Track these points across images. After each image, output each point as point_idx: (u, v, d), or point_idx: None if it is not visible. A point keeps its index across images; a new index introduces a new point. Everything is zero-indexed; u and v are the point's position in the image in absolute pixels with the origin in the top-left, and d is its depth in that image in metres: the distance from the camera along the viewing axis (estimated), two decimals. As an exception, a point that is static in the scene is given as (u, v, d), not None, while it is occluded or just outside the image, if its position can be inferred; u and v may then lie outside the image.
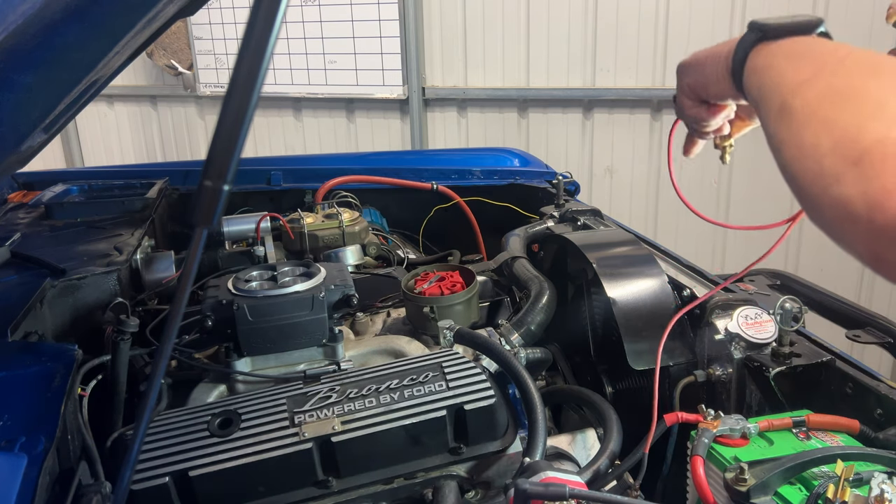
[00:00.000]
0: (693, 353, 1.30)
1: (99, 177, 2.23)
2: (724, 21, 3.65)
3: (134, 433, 0.72)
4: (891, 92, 0.59)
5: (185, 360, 1.29)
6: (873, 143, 0.55)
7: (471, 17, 4.18)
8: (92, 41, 0.92)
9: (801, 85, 0.67)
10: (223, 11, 4.58)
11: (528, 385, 1.14)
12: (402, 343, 1.36)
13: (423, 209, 2.35)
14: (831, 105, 0.62)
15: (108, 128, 5.37)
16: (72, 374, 1.00)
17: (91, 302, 1.39)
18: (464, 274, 1.54)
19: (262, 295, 1.25)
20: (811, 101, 0.64)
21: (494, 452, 1.12)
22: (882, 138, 0.55)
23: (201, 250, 0.64)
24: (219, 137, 0.60)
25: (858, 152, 0.56)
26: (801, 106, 0.64)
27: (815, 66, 0.68)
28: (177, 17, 1.19)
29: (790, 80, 0.69)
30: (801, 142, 0.62)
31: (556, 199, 2.02)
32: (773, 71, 0.74)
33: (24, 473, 0.78)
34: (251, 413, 1.06)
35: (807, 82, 0.66)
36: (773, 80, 0.72)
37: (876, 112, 0.57)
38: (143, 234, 1.71)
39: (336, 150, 4.72)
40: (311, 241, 1.90)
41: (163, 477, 0.97)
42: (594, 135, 4.15)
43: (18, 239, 1.62)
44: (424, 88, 4.35)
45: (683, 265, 1.55)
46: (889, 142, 0.54)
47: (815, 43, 0.76)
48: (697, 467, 0.98)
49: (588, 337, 1.51)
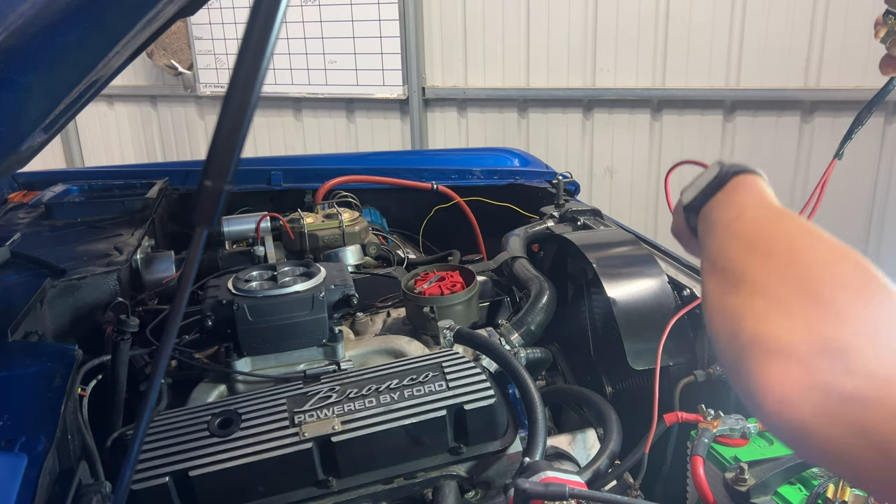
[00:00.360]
0: (693, 353, 1.30)
1: (99, 177, 2.23)
2: (724, 21, 3.65)
3: (134, 433, 0.72)
4: (762, 271, 0.59)
5: (185, 360, 1.29)
6: (748, 342, 0.55)
7: (471, 17, 4.18)
8: (92, 41, 0.92)
9: (705, 263, 0.69)
10: (223, 11, 4.58)
11: (528, 385, 1.14)
12: (402, 343, 1.36)
13: (423, 209, 2.35)
14: (718, 292, 0.63)
15: (108, 128, 5.37)
16: (72, 374, 1.00)
17: (91, 302, 1.39)
18: (464, 274, 1.54)
19: (262, 295, 1.25)
20: (708, 282, 0.66)
21: (494, 452, 1.12)
22: (752, 338, 0.55)
23: (201, 250, 0.64)
24: (219, 137, 0.60)
25: (738, 352, 0.56)
26: (704, 290, 0.67)
27: (714, 236, 0.70)
28: (177, 17, 1.19)
29: (705, 247, 0.72)
30: (709, 327, 0.64)
31: (556, 199, 2.02)
32: (701, 232, 0.77)
33: (25, 473, 0.78)
34: (251, 413, 1.06)
35: (707, 263, 0.69)
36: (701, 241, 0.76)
37: (747, 303, 0.58)
38: (143, 234, 1.71)
39: (336, 150, 4.72)
40: (311, 241, 1.90)
41: (163, 477, 0.97)
42: (594, 135, 4.14)
43: (18, 239, 1.62)
44: (424, 88, 4.35)
45: (683, 265, 1.55)
46: (759, 341, 0.54)
47: (718, 205, 0.77)
48: (697, 467, 0.98)
49: (588, 337, 1.51)
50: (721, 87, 3.75)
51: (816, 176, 3.70)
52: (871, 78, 3.40)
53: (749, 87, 3.70)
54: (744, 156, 3.83)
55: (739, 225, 0.69)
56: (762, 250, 0.62)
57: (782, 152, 3.73)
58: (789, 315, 0.54)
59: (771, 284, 0.57)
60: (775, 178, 0.76)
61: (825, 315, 0.52)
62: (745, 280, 0.60)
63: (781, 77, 3.62)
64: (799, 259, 0.58)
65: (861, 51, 3.38)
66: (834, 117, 3.59)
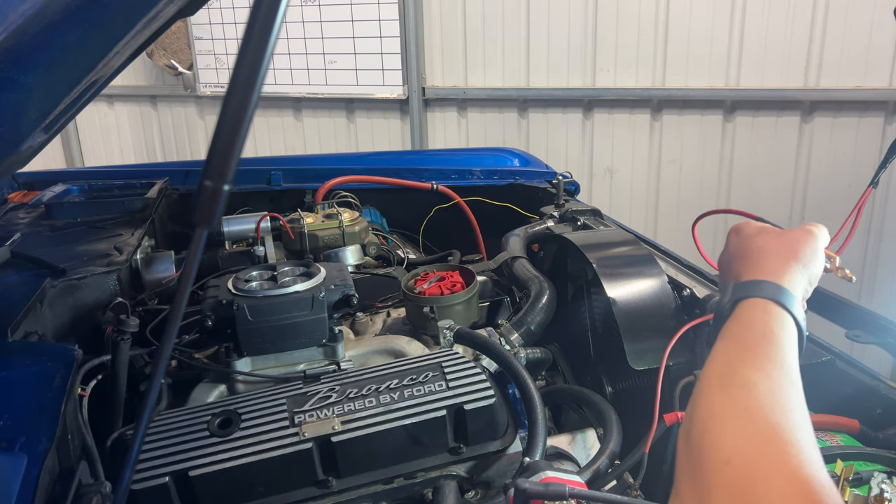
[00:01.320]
0: (693, 353, 1.30)
1: (99, 177, 2.23)
2: (724, 21, 3.66)
3: (134, 433, 0.72)
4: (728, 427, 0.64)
5: (185, 360, 1.29)
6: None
7: (471, 17, 4.18)
8: (92, 41, 0.92)
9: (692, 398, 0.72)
10: (223, 11, 4.58)
11: (528, 385, 1.14)
12: (402, 343, 1.36)
13: (423, 209, 2.35)
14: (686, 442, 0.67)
15: (108, 128, 5.37)
16: (72, 374, 1.00)
17: (91, 302, 1.39)
18: (464, 274, 1.54)
19: (262, 295, 1.25)
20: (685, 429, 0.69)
21: (494, 452, 1.12)
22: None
23: (201, 250, 0.64)
24: (219, 137, 0.60)
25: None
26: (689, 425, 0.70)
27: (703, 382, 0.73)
28: (177, 17, 1.19)
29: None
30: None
31: (556, 199, 2.02)
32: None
33: (25, 473, 0.78)
34: (251, 413, 1.06)
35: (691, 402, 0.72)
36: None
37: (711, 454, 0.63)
38: (143, 234, 1.71)
39: (336, 150, 4.72)
40: (311, 241, 1.90)
41: (163, 477, 0.97)
42: (594, 135, 4.15)
43: (18, 239, 1.62)
44: (424, 88, 4.35)
45: (683, 265, 1.55)
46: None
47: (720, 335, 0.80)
48: (697, 467, 0.98)
49: (588, 337, 1.51)
50: (721, 87, 3.75)
51: (817, 176, 3.71)
52: (871, 78, 3.41)
53: (749, 87, 3.70)
54: (744, 156, 3.83)
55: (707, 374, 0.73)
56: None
57: (782, 152, 3.73)
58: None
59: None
60: (775, 178, 0.76)
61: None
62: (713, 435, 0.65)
63: (781, 77, 3.62)
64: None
65: (861, 51, 3.38)
66: (834, 117, 3.59)
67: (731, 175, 3.89)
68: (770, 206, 3.81)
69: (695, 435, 0.65)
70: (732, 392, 0.67)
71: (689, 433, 0.66)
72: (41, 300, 1.27)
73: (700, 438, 0.64)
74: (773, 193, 3.79)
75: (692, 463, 0.62)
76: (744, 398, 0.66)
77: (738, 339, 0.76)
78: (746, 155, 3.83)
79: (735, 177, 3.88)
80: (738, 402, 0.66)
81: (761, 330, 0.76)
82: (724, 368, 0.72)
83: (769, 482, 0.56)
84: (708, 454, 0.61)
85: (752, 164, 3.82)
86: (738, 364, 0.71)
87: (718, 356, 0.74)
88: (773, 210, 3.81)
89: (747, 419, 0.63)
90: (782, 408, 0.64)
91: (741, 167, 3.85)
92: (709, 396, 0.68)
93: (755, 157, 3.81)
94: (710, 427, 0.64)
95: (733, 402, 0.66)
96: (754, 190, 3.84)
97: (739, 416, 0.64)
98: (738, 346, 0.74)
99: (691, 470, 0.62)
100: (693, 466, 0.62)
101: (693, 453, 0.63)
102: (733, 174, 3.88)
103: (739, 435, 0.62)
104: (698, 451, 0.62)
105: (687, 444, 0.65)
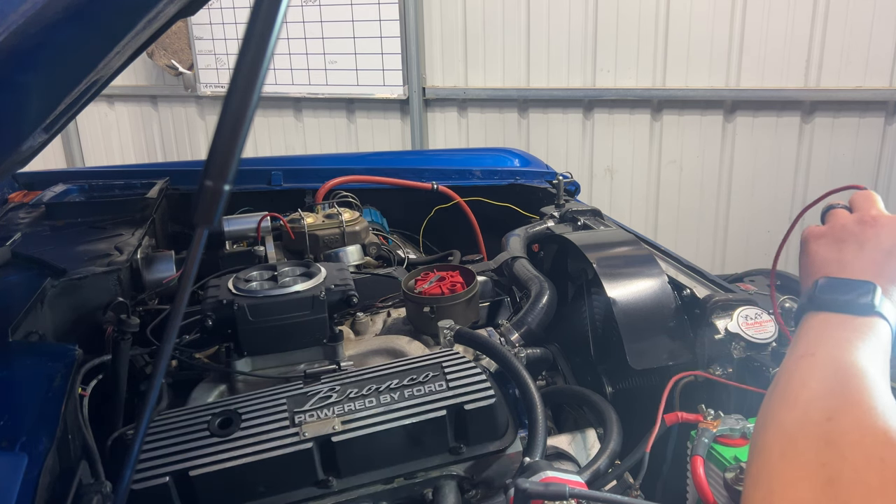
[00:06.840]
0: (693, 353, 1.30)
1: (99, 177, 2.23)
2: (724, 21, 3.66)
3: (134, 433, 0.72)
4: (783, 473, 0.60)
5: (185, 360, 1.29)
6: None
7: (471, 17, 4.18)
8: (92, 41, 0.92)
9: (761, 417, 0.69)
10: (223, 11, 4.58)
11: (528, 385, 1.14)
12: (403, 343, 1.36)
13: (423, 209, 2.35)
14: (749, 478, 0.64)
15: (109, 128, 5.37)
16: (72, 374, 1.00)
17: (91, 302, 1.39)
18: (464, 274, 1.54)
19: (263, 295, 1.25)
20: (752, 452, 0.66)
21: (494, 452, 1.11)
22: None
23: (202, 250, 0.64)
24: (219, 137, 0.60)
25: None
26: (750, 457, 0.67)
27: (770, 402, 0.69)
28: (177, 17, 1.19)
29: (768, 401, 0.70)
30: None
31: (556, 199, 2.02)
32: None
33: (25, 473, 0.78)
34: (251, 413, 1.06)
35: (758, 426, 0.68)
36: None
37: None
38: (144, 234, 1.71)
39: (336, 150, 4.72)
40: (312, 241, 1.90)
41: (163, 477, 0.97)
42: (594, 135, 4.15)
43: (19, 239, 1.62)
44: (425, 88, 4.35)
45: (683, 265, 1.55)
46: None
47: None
48: (697, 467, 0.98)
49: (588, 337, 1.51)
50: (721, 87, 3.75)
51: (817, 176, 3.71)
52: (871, 78, 3.41)
53: (749, 87, 3.70)
54: (744, 156, 3.83)
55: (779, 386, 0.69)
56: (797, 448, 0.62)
57: (782, 152, 3.73)
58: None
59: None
60: (775, 178, 0.76)
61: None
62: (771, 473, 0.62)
63: (781, 77, 3.62)
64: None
65: (861, 51, 3.38)
66: (834, 117, 3.59)
67: (731, 175, 3.89)
68: (770, 206, 3.82)
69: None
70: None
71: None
72: (42, 300, 1.27)
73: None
74: (774, 193, 3.79)
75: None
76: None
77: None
78: (746, 155, 3.83)
79: (735, 177, 3.88)
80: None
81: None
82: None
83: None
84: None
85: (753, 164, 3.82)
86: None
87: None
88: (774, 210, 3.82)
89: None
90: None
91: (741, 167, 3.85)
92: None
93: (755, 158, 3.81)
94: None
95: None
96: (754, 190, 3.84)
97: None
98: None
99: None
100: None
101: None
102: (733, 174, 3.88)
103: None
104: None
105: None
